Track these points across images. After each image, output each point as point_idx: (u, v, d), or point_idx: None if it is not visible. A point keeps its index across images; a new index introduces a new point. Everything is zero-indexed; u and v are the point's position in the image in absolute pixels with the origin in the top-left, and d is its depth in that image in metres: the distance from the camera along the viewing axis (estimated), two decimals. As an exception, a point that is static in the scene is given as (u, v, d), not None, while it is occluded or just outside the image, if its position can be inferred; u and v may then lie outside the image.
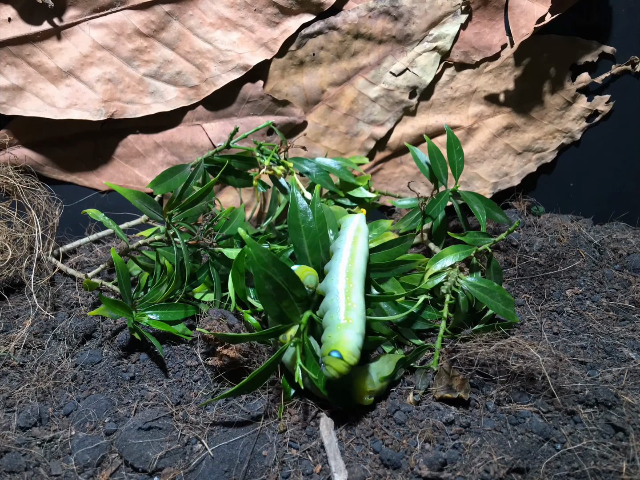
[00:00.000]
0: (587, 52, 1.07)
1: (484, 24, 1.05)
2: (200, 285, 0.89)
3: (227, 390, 0.66)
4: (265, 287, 0.64)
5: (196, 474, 0.62)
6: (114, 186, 0.80)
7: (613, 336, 0.81)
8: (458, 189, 0.93)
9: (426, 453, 0.63)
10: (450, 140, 0.92)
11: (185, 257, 0.79)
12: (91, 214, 0.83)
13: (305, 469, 0.63)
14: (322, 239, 0.76)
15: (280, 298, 0.65)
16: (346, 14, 1.03)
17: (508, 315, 0.74)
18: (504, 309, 0.75)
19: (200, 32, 1.01)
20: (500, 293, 0.75)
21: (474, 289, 0.76)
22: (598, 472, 0.60)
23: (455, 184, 0.93)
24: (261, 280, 0.63)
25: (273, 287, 0.64)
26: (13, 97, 1.00)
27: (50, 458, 0.65)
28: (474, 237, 0.83)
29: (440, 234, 0.96)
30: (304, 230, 0.74)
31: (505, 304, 0.75)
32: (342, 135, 1.13)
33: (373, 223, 0.88)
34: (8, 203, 0.96)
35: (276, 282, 0.64)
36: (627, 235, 1.04)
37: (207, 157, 0.98)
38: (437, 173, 0.91)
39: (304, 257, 0.74)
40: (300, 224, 0.74)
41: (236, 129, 0.95)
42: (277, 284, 0.64)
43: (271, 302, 0.66)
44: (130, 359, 0.80)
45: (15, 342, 0.81)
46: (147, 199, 0.80)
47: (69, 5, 0.97)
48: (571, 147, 1.15)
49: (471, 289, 0.76)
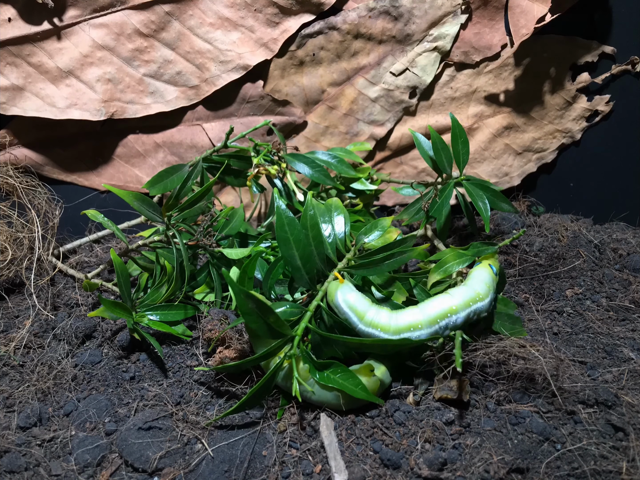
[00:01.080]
0: (587, 52, 1.07)
1: (484, 24, 1.05)
2: (201, 286, 0.89)
3: (227, 410, 0.66)
4: (249, 305, 0.63)
5: (196, 474, 0.62)
6: (112, 188, 0.80)
7: (613, 336, 0.81)
8: (462, 181, 0.90)
9: (426, 453, 0.63)
10: (455, 130, 0.88)
11: (185, 258, 0.79)
12: (90, 215, 0.82)
13: (305, 469, 0.63)
14: (317, 246, 0.74)
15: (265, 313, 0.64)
16: (346, 14, 1.03)
17: (517, 334, 0.73)
18: (511, 327, 0.74)
19: (200, 32, 1.01)
20: (506, 313, 0.75)
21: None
22: (598, 472, 0.60)
23: (460, 175, 0.91)
24: (242, 299, 0.63)
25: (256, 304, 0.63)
26: (13, 97, 1.00)
27: (50, 458, 0.65)
28: (477, 249, 0.81)
29: (444, 230, 0.94)
30: (294, 242, 0.71)
31: (512, 322, 0.74)
32: (342, 135, 1.13)
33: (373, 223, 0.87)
34: (8, 203, 0.96)
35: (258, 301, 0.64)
36: (627, 235, 1.04)
37: (206, 157, 0.98)
38: (440, 164, 0.88)
39: (298, 269, 0.72)
40: (289, 236, 0.71)
41: (231, 128, 0.94)
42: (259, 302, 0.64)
43: (256, 319, 0.64)
44: (130, 359, 0.80)
45: (15, 342, 0.81)
46: (145, 201, 0.80)
47: (69, 5, 0.97)
48: (571, 147, 1.15)
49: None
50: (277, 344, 0.67)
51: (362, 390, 0.66)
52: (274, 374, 0.67)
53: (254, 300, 0.63)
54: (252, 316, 0.64)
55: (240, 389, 0.73)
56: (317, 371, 0.68)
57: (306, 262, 0.72)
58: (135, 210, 0.80)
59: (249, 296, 0.63)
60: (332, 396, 0.68)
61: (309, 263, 0.73)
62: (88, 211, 0.83)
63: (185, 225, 0.83)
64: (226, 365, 0.70)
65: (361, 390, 0.66)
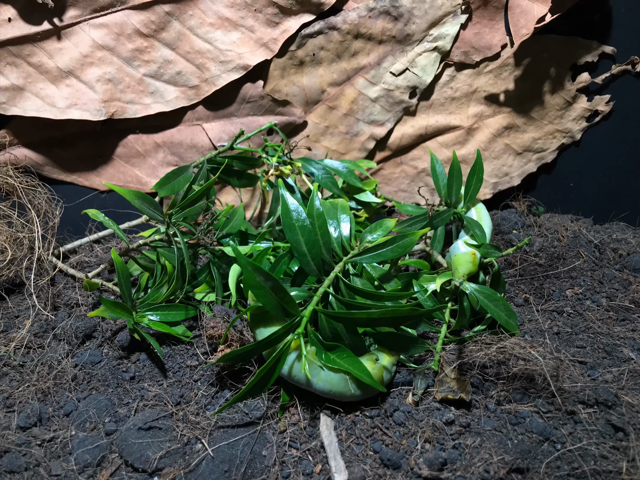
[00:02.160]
0: (587, 52, 1.07)
1: (484, 24, 1.05)
2: (202, 285, 0.89)
3: (230, 400, 0.66)
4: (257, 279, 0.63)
5: (196, 474, 0.62)
6: (114, 186, 0.80)
7: (613, 336, 0.81)
8: (462, 213, 0.92)
9: (426, 453, 0.63)
10: (476, 165, 0.91)
11: (186, 257, 0.79)
12: (91, 214, 0.83)
13: (305, 469, 0.63)
14: (323, 236, 0.75)
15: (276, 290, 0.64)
16: (346, 14, 1.03)
17: (510, 327, 0.74)
18: (505, 319, 0.74)
19: (200, 32, 1.01)
20: (503, 303, 0.76)
21: (479, 295, 0.75)
22: (598, 472, 0.60)
23: (462, 205, 0.93)
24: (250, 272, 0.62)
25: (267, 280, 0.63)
26: (13, 97, 1.00)
27: (50, 458, 0.65)
28: (485, 250, 0.84)
29: (442, 242, 0.96)
30: (299, 228, 0.73)
31: (507, 315, 0.75)
32: (342, 135, 1.13)
33: (377, 223, 0.88)
34: (8, 203, 0.96)
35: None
36: (627, 235, 1.04)
37: (210, 158, 0.98)
38: (449, 190, 0.91)
39: (303, 255, 0.73)
40: (294, 222, 0.73)
41: (241, 131, 0.97)
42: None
43: (267, 295, 0.64)
44: (130, 359, 0.80)
45: (15, 342, 0.81)
46: (146, 199, 0.80)
47: (69, 5, 0.97)
48: (571, 147, 1.15)
49: (476, 294, 0.75)
50: (285, 326, 0.67)
51: (367, 376, 0.66)
52: (280, 358, 0.66)
53: (262, 273, 0.63)
54: (261, 290, 0.64)
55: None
56: (325, 352, 0.68)
57: (312, 248, 0.73)
58: (137, 208, 0.80)
59: (257, 269, 0.62)
60: (338, 379, 0.68)
61: (315, 249, 0.73)
62: (89, 210, 0.83)
63: (186, 224, 0.83)
64: (231, 352, 0.68)
65: (366, 376, 0.66)
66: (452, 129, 1.13)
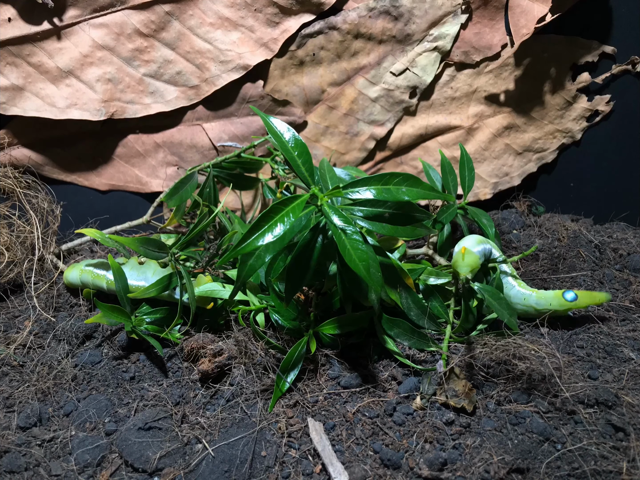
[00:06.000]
0: (588, 52, 1.07)
1: (484, 24, 1.05)
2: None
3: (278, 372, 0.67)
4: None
5: (196, 474, 0.62)
6: (113, 236, 0.81)
7: (613, 336, 0.81)
8: (466, 205, 0.94)
9: (426, 453, 0.63)
10: (463, 158, 0.94)
11: (189, 291, 0.79)
12: (91, 234, 0.84)
13: (305, 469, 0.63)
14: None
15: None
16: (346, 14, 1.03)
17: (511, 325, 0.75)
18: (508, 318, 0.75)
19: (200, 32, 1.01)
20: (505, 302, 0.76)
21: (484, 292, 0.75)
22: (598, 472, 0.60)
23: (463, 199, 0.94)
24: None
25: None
26: (13, 97, 1.00)
27: (50, 458, 0.65)
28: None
29: (446, 246, 0.96)
30: (291, 149, 0.70)
31: (509, 313, 0.75)
32: (342, 135, 1.13)
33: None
34: (8, 204, 0.96)
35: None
36: (627, 235, 1.04)
37: (216, 163, 0.99)
38: (447, 186, 0.93)
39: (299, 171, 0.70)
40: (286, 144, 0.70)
41: (252, 144, 0.98)
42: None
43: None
44: (130, 359, 0.80)
45: (16, 342, 0.81)
46: (150, 242, 0.80)
47: (69, 5, 0.97)
48: (571, 147, 1.15)
49: (481, 292, 0.76)
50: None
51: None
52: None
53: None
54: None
55: (240, 388, 0.73)
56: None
57: (304, 162, 0.70)
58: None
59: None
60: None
61: (307, 162, 0.70)
62: (87, 230, 0.84)
63: (190, 254, 0.84)
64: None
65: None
66: (453, 129, 1.13)
